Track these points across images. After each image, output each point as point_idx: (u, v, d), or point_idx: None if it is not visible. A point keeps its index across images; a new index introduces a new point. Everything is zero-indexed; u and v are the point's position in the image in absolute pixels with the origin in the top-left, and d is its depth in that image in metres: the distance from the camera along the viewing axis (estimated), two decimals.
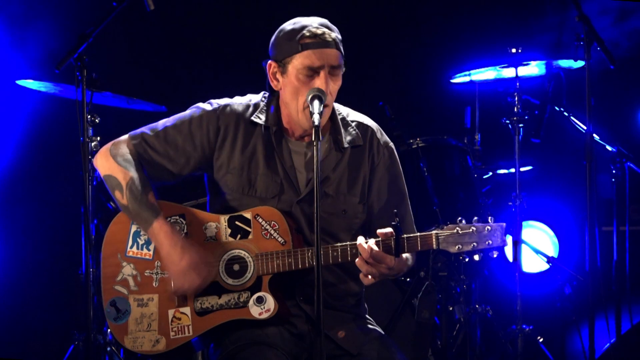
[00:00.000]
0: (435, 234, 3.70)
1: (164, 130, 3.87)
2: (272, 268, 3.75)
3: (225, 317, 3.76)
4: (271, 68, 3.83)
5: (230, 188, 3.85)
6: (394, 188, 3.95)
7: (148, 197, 3.79)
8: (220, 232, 3.82)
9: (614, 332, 5.14)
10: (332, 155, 3.87)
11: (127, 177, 3.80)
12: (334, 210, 3.85)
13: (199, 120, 3.87)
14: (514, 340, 5.60)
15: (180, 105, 4.04)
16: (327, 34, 3.75)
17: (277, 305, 3.73)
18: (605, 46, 4.65)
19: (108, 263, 3.85)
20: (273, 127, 3.86)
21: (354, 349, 3.81)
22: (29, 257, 6.46)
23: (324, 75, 3.73)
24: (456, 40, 6.74)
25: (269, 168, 3.84)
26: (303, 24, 3.77)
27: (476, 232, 3.68)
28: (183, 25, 6.65)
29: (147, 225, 3.78)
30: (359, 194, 3.89)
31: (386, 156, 3.95)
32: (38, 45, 6.19)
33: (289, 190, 3.84)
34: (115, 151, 3.84)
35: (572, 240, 6.74)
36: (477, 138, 6.04)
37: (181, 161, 3.86)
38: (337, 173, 3.88)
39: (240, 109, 3.90)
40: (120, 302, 3.82)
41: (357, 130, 3.93)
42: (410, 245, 3.69)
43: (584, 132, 4.74)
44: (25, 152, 6.37)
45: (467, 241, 3.67)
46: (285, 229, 3.77)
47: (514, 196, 5.64)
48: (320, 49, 3.73)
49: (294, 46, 3.74)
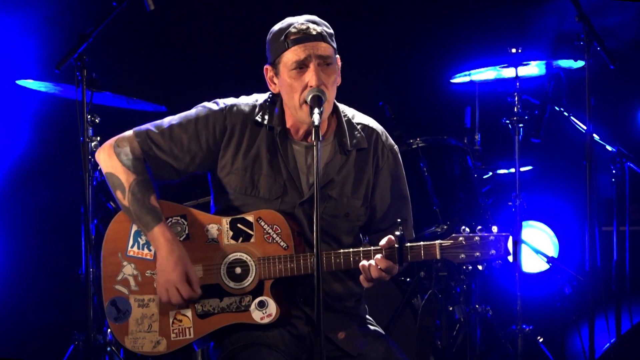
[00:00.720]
0: (439, 244, 3.68)
1: (170, 128, 3.84)
2: (274, 273, 3.74)
3: (227, 320, 3.76)
4: (267, 73, 3.83)
5: (233, 188, 3.84)
6: (396, 192, 3.94)
7: (150, 200, 3.77)
8: (222, 235, 3.80)
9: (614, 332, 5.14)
10: (337, 158, 3.86)
11: (131, 178, 3.77)
12: (337, 213, 3.84)
13: (205, 119, 3.84)
14: (514, 340, 5.60)
15: (181, 105, 4.04)
16: (311, 28, 3.73)
17: (278, 310, 3.73)
18: (605, 46, 4.65)
19: (108, 262, 3.83)
20: (277, 127, 3.84)
21: (354, 350, 3.81)
22: (29, 257, 6.46)
23: (313, 66, 3.70)
24: (456, 40, 6.74)
25: (272, 169, 3.83)
26: (289, 22, 3.77)
27: (480, 242, 3.67)
28: (183, 25, 6.65)
29: (147, 229, 3.76)
30: (362, 198, 3.87)
31: (390, 159, 3.93)
32: (38, 45, 6.19)
33: (292, 191, 3.82)
34: (119, 149, 3.81)
35: (572, 240, 6.74)
36: (477, 138, 6.04)
37: (186, 160, 3.84)
38: (341, 176, 3.86)
39: (247, 109, 3.87)
40: (120, 302, 3.81)
41: (362, 133, 3.91)
42: (413, 254, 3.69)
43: (584, 132, 4.74)
44: (26, 152, 6.37)
45: (471, 251, 3.67)
46: (287, 233, 3.76)
47: (514, 196, 5.64)
48: (304, 42, 3.71)
49: (281, 45, 3.74)
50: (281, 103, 3.86)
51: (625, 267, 5.58)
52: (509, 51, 5.68)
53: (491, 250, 3.65)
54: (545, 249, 6.50)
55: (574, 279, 5.82)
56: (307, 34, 3.72)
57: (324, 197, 3.79)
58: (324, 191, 3.80)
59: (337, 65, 3.80)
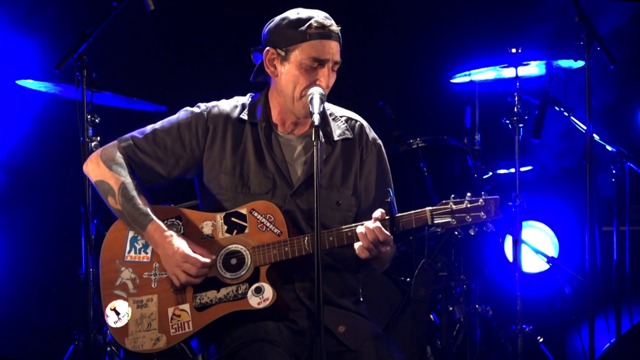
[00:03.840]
0: (429, 210, 3.71)
1: (153, 132, 3.91)
2: (269, 258, 3.76)
3: (225, 309, 3.77)
4: (269, 54, 3.84)
5: (224, 188, 3.88)
6: (381, 185, 3.99)
7: (140, 200, 3.82)
8: (216, 230, 3.83)
9: (614, 332, 5.14)
10: (323, 148, 3.90)
11: (119, 182, 3.83)
12: (328, 202, 3.88)
13: (188, 121, 3.91)
14: (514, 340, 5.60)
15: (181, 105, 4.05)
16: (333, 26, 3.80)
17: (275, 294, 3.74)
18: (605, 46, 4.65)
19: (107, 269, 3.87)
20: (262, 122, 3.89)
21: (353, 344, 3.82)
22: (29, 257, 6.46)
23: (327, 69, 3.77)
24: (456, 40, 6.74)
25: (260, 164, 3.87)
26: (309, 14, 3.80)
27: (470, 206, 3.69)
28: (183, 26, 6.65)
29: (142, 228, 3.81)
30: (351, 187, 3.93)
31: (374, 152, 3.98)
32: (38, 45, 6.19)
33: (282, 184, 3.86)
34: (105, 156, 3.88)
35: (572, 240, 6.74)
36: (477, 138, 6.04)
37: (170, 162, 3.89)
38: (329, 165, 3.90)
39: (228, 108, 3.95)
40: (120, 307, 3.84)
41: (346, 124, 3.97)
42: (405, 222, 3.71)
43: (584, 132, 4.74)
44: (26, 152, 6.37)
45: (461, 215, 3.69)
46: (281, 221, 3.79)
47: (514, 196, 5.64)
48: (327, 40, 3.76)
49: (300, 35, 3.77)
50: (265, 97, 3.90)
51: (625, 267, 5.57)
52: (509, 51, 5.68)
53: (481, 213, 3.68)
54: (545, 249, 6.50)
55: (574, 279, 5.82)
56: (330, 31, 3.78)
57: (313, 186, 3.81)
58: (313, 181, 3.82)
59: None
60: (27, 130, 6.33)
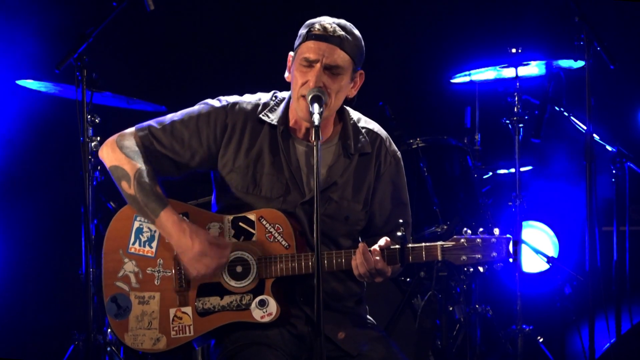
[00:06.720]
0: (440, 245, 3.68)
1: (171, 124, 3.85)
2: (275, 272, 3.73)
3: (227, 318, 3.76)
4: (289, 59, 3.85)
5: (235, 187, 3.84)
6: (396, 199, 3.94)
7: (156, 188, 3.77)
8: (223, 233, 3.80)
9: (614, 332, 5.13)
10: (341, 161, 3.86)
11: (135, 168, 3.78)
12: (337, 215, 3.84)
13: (207, 116, 3.86)
14: (514, 340, 5.60)
15: (180, 105, 4.04)
16: (335, 30, 3.74)
17: (279, 309, 3.73)
18: (605, 46, 4.65)
19: (110, 259, 3.84)
20: (280, 126, 3.84)
21: (353, 350, 3.81)
22: (29, 257, 6.46)
23: (316, 69, 3.71)
24: (456, 40, 6.74)
25: (274, 168, 3.83)
26: (318, 19, 3.79)
27: (482, 245, 3.67)
28: (183, 26, 6.65)
29: (154, 216, 3.75)
30: (362, 202, 3.87)
31: (392, 166, 3.93)
32: (38, 45, 6.19)
33: (294, 191, 3.82)
34: (121, 142, 3.83)
35: (572, 240, 6.74)
36: (477, 138, 6.04)
37: (186, 156, 3.85)
38: (343, 179, 3.86)
39: (249, 107, 3.88)
40: (121, 299, 3.81)
41: (366, 137, 3.91)
42: (415, 255, 3.69)
43: (584, 132, 4.74)
44: (25, 152, 6.36)
45: (472, 253, 3.66)
46: (289, 233, 3.75)
47: (514, 196, 5.64)
48: (321, 42, 3.72)
49: (302, 37, 3.77)
50: (288, 101, 3.87)
51: (625, 267, 5.57)
52: (509, 51, 5.68)
53: (492, 253, 3.65)
54: (545, 249, 6.50)
55: (574, 279, 5.82)
56: (327, 34, 3.73)
57: (325, 199, 3.79)
58: (326, 193, 3.81)
59: (349, 78, 3.78)
60: (27, 130, 6.33)
